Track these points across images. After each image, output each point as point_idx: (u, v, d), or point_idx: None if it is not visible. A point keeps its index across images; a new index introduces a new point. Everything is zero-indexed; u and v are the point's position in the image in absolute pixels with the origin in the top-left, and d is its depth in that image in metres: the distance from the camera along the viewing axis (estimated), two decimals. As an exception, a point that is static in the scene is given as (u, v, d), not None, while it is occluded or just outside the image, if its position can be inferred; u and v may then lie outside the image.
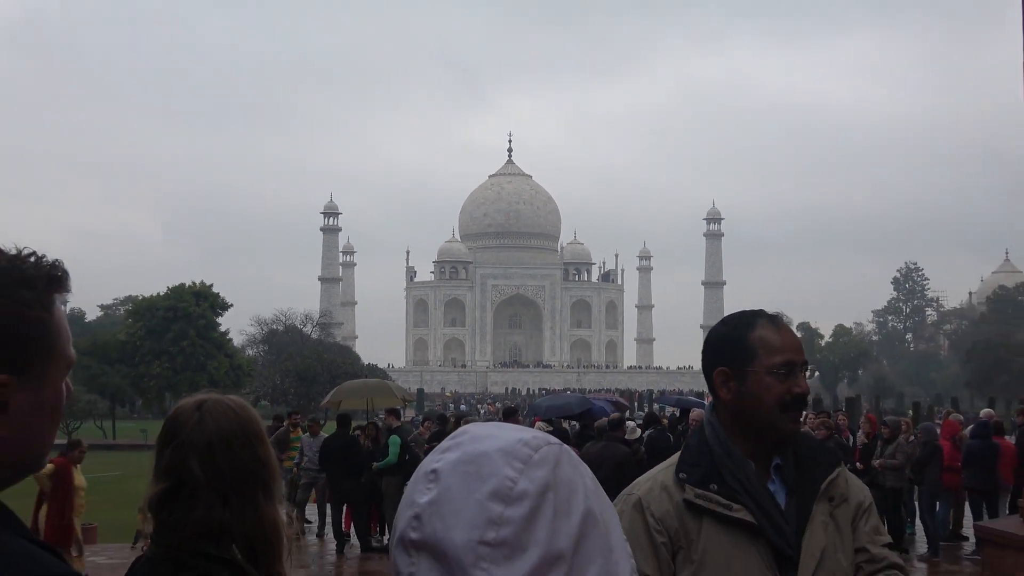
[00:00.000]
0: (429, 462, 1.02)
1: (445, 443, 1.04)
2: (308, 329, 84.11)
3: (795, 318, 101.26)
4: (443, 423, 16.95)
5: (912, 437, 14.20)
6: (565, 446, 1.04)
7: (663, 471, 2.29)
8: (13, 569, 1.01)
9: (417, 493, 1.00)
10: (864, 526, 2.27)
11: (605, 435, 11.91)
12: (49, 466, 10.38)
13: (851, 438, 16.14)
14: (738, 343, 2.25)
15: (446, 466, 1.00)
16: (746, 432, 2.23)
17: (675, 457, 2.30)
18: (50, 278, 1.13)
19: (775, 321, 2.30)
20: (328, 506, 15.73)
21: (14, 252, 1.13)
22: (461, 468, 0.99)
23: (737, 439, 2.23)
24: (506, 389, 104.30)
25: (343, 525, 14.76)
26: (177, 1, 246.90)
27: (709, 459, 2.21)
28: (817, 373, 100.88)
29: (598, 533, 1.00)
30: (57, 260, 1.16)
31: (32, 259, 1.14)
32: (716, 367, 2.28)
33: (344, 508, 14.72)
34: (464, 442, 1.02)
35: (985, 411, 17.21)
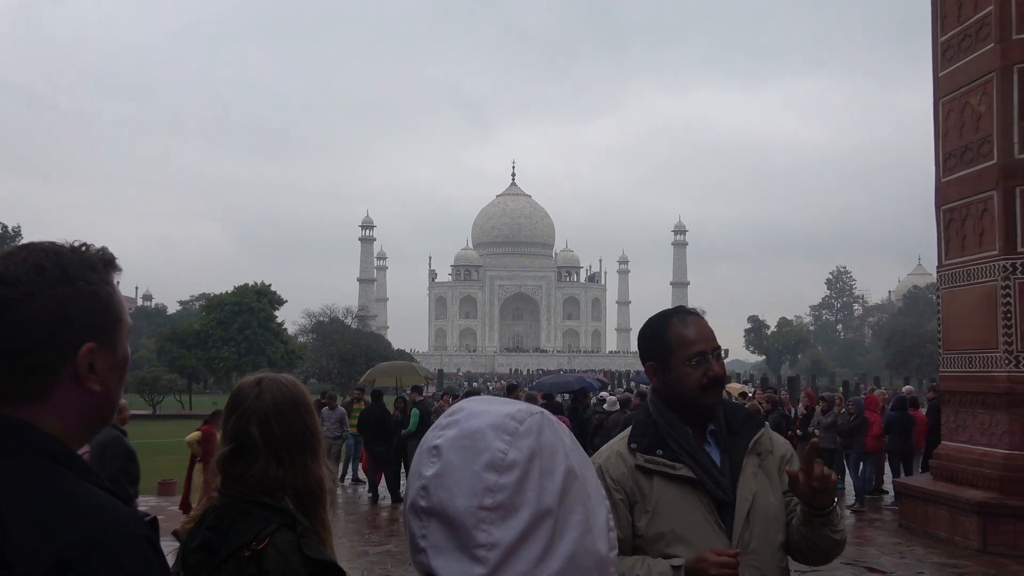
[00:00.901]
0: (431, 438, 1.00)
1: (443, 420, 1.01)
2: (348, 320, 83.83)
3: (746, 312, 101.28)
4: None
5: (843, 409, 14.19)
6: (546, 413, 1.01)
7: (618, 442, 2.28)
8: (82, 510, 1.01)
9: (423, 467, 0.98)
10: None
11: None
12: (196, 433, 10.17)
13: (792, 410, 16.12)
14: (658, 340, 2.21)
15: (446, 442, 0.97)
16: (679, 408, 2.22)
17: (628, 430, 2.29)
18: (105, 260, 1.14)
19: (686, 317, 2.23)
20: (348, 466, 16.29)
21: (70, 245, 1.14)
22: (459, 443, 0.96)
23: (675, 413, 2.22)
24: (510, 370, 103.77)
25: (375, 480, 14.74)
26: (244, 55, 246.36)
27: (654, 430, 2.20)
28: (764, 357, 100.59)
29: (578, 486, 0.98)
30: (104, 247, 1.17)
31: (86, 248, 1.14)
32: (646, 362, 2.26)
33: (377, 466, 14.71)
34: (460, 419, 0.99)
35: (905, 388, 17.10)
